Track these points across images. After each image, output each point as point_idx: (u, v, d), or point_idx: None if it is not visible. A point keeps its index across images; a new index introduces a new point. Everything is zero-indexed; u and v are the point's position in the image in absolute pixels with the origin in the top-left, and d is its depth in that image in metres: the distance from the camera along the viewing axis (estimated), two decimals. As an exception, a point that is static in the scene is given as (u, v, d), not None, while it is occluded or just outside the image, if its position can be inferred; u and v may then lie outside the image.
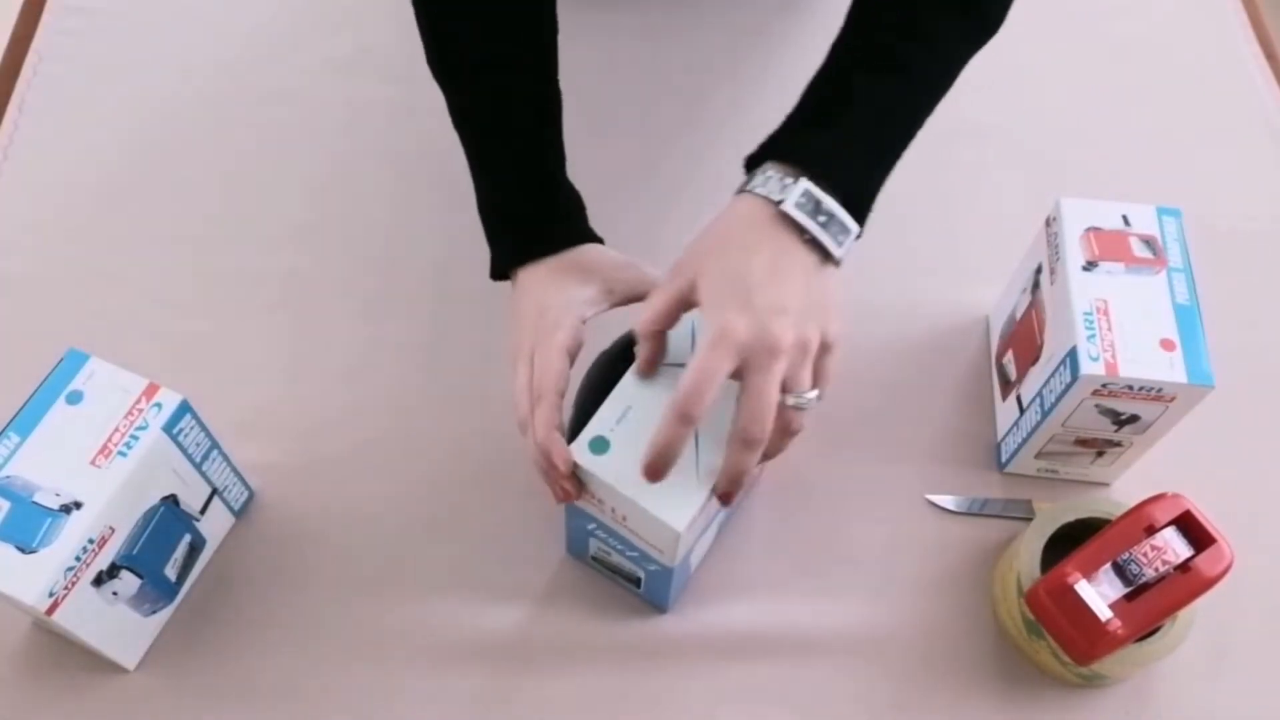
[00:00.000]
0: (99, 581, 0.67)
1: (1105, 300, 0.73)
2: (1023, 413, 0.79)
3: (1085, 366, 0.70)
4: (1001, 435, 0.84)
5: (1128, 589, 0.68)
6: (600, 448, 0.64)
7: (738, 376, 0.60)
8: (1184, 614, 0.71)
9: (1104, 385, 0.71)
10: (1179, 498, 0.70)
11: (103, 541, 0.66)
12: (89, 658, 0.72)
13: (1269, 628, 0.78)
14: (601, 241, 0.73)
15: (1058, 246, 0.77)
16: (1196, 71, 1.06)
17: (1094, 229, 0.77)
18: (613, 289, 0.71)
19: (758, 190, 0.63)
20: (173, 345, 0.86)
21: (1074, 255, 0.75)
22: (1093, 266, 0.75)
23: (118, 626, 0.71)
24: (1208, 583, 0.68)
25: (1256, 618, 0.78)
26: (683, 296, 0.63)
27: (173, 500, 0.71)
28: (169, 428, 0.68)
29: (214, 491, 0.75)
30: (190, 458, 0.71)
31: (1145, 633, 0.69)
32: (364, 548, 0.79)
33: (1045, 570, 0.71)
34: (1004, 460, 0.83)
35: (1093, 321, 0.72)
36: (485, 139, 0.74)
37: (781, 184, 0.62)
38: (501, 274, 0.74)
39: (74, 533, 0.64)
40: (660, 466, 0.62)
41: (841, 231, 0.63)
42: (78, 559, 0.64)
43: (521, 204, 0.73)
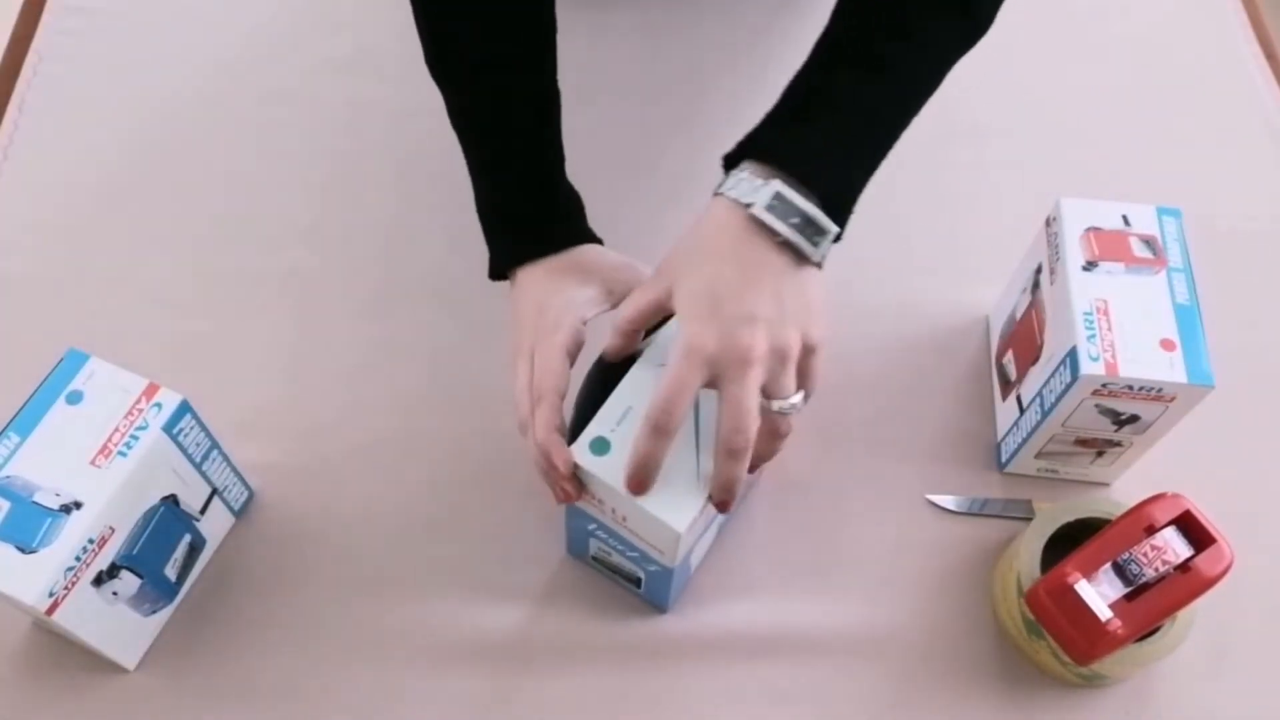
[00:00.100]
0: (99, 581, 0.67)
1: (1105, 300, 0.73)
2: (1023, 413, 0.79)
3: (1085, 366, 0.70)
4: (1001, 435, 0.84)
5: (1128, 589, 0.68)
6: (601, 448, 0.64)
7: (715, 386, 0.60)
8: (1184, 614, 0.71)
9: (1104, 385, 0.71)
10: (1179, 498, 0.70)
11: (103, 541, 0.66)
12: (89, 658, 0.72)
13: (1269, 628, 0.78)
14: (601, 242, 0.73)
15: (1058, 246, 0.77)
16: (1196, 71, 1.06)
17: (1094, 229, 0.77)
18: (612, 289, 0.71)
19: (729, 193, 0.62)
20: (173, 345, 0.86)
21: (1074, 255, 0.76)
22: (1093, 266, 0.75)
23: (118, 626, 0.71)
24: (1208, 583, 0.68)
25: (1256, 618, 0.78)
26: (659, 301, 0.63)
27: (173, 500, 0.71)
28: (169, 428, 0.68)
29: (214, 491, 0.75)
30: (190, 458, 0.71)
31: (1145, 633, 0.69)
32: (364, 548, 0.79)
33: (1045, 570, 0.71)
34: (1004, 460, 0.83)
35: (1093, 321, 0.72)
36: (484, 139, 0.74)
37: (753, 186, 0.61)
38: (500, 274, 0.74)
39: (74, 533, 0.64)
40: (642, 479, 0.62)
41: (817, 233, 0.62)
42: (78, 559, 0.64)
43: (520, 204, 0.73)
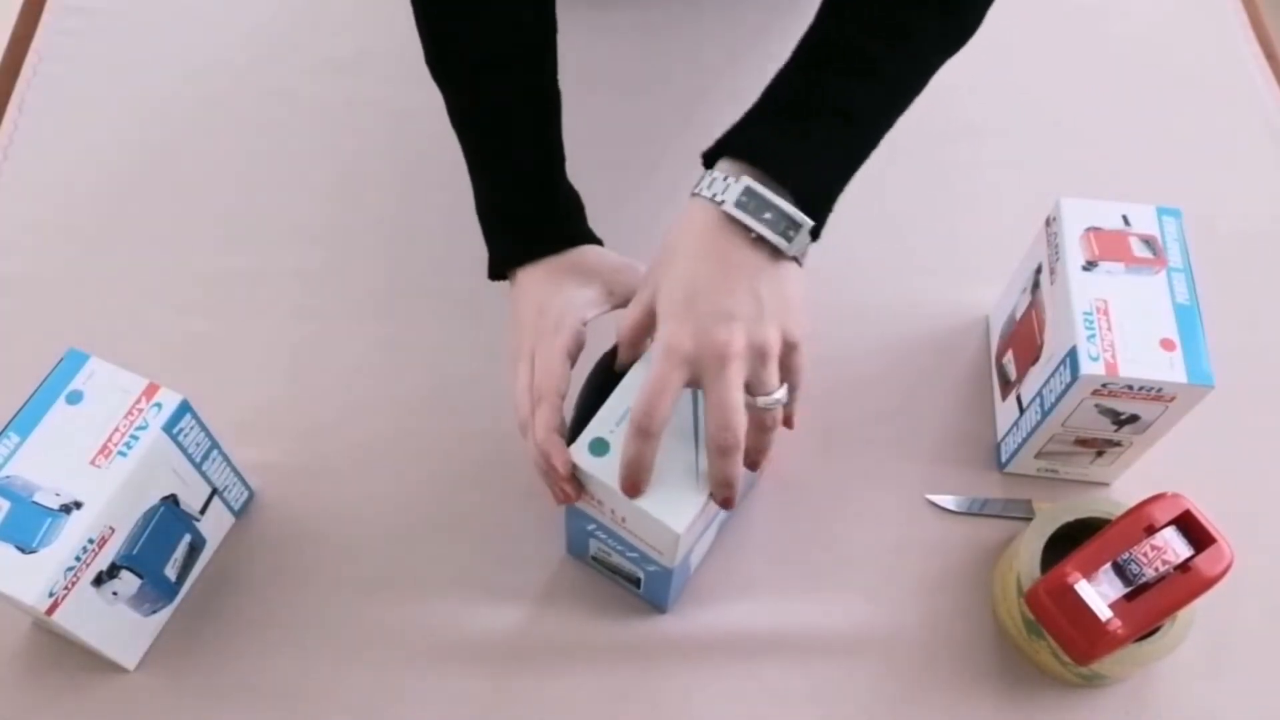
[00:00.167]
0: (99, 581, 0.67)
1: (1105, 300, 0.73)
2: (1023, 412, 0.79)
3: (1085, 366, 0.70)
4: (1001, 435, 0.84)
5: (1128, 589, 0.68)
6: (600, 449, 0.64)
7: (698, 385, 0.61)
8: (1184, 614, 0.71)
9: (1104, 385, 0.71)
10: (1179, 498, 0.70)
11: (103, 541, 0.66)
12: (89, 658, 0.72)
13: (1269, 628, 0.78)
14: (600, 243, 0.73)
15: (1058, 246, 0.77)
16: (1196, 71, 1.06)
17: (1094, 229, 0.77)
18: (613, 290, 0.71)
19: (703, 192, 0.62)
20: (173, 345, 0.86)
21: (1074, 255, 0.75)
22: (1093, 266, 0.75)
23: (118, 626, 0.71)
24: (1208, 583, 0.68)
25: (1256, 618, 0.78)
26: (651, 306, 0.63)
27: (173, 500, 0.71)
28: (169, 428, 0.68)
29: (214, 491, 0.75)
30: (190, 458, 0.71)
31: (1145, 633, 0.69)
32: (364, 548, 0.79)
33: (1045, 570, 0.71)
34: (1004, 460, 0.83)
35: (1093, 321, 0.72)
36: (484, 139, 0.74)
37: (724, 183, 0.62)
38: (499, 274, 0.74)
39: (74, 533, 0.64)
40: (634, 481, 0.62)
41: (791, 227, 0.62)
42: (78, 559, 0.64)
43: (521, 204, 0.73)
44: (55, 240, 0.92)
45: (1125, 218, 0.77)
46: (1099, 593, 0.68)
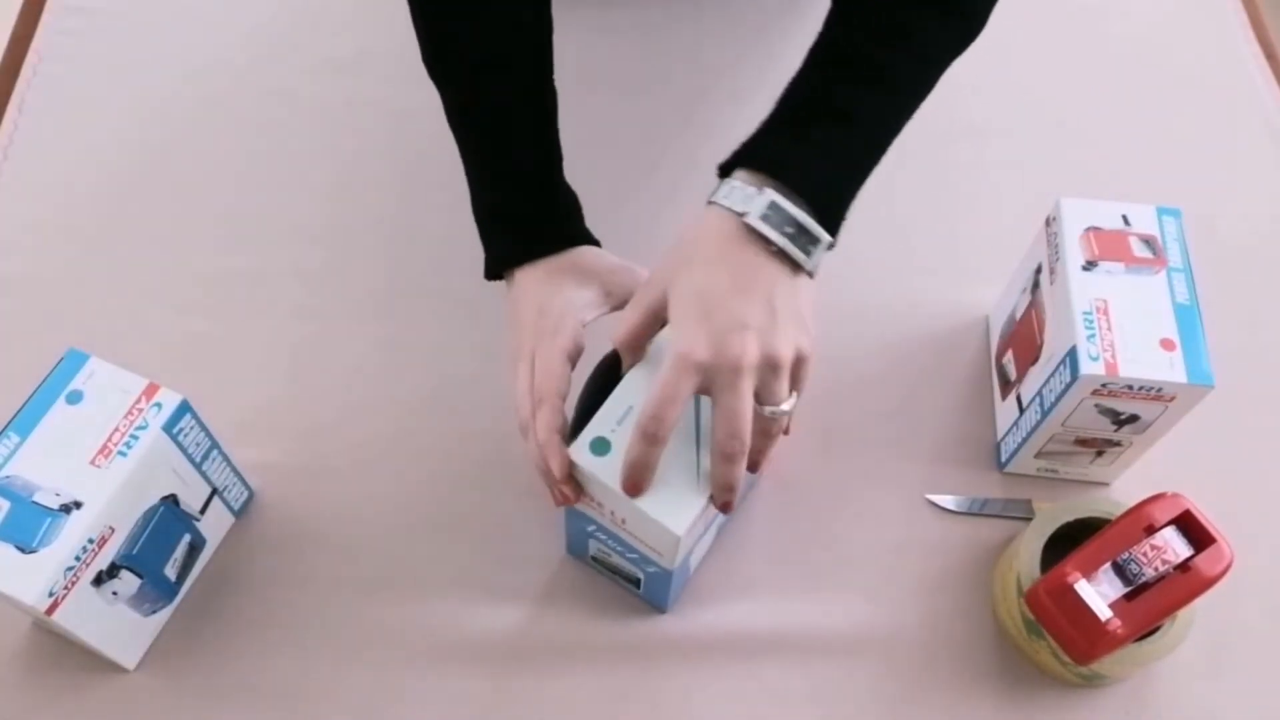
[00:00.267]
0: (99, 581, 0.67)
1: (1105, 300, 0.73)
2: (1022, 412, 0.79)
3: (1085, 366, 0.70)
4: (1001, 435, 0.84)
5: (1127, 589, 0.68)
6: (601, 449, 0.64)
7: (708, 393, 0.61)
8: (1184, 614, 0.71)
9: (1104, 385, 0.71)
10: (1179, 497, 0.70)
11: (103, 541, 0.66)
12: (89, 658, 0.72)
13: (1269, 628, 0.78)
14: (598, 244, 0.73)
15: (1058, 246, 0.77)
16: (1196, 71, 1.06)
17: (1094, 229, 0.77)
18: (611, 291, 0.71)
19: (723, 202, 0.62)
20: (173, 345, 0.86)
21: (1074, 255, 0.75)
22: (1092, 266, 0.75)
23: (118, 626, 0.71)
24: (1208, 582, 0.68)
25: (1256, 618, 0.78)
26: (655, 310, 0.63)
27: (173, 500, 0.71)
28: (169, 427, 0.68)
29: (214, 491, 0.75)
30: (190, 458, 0.71)
31: (1145, 632, 0.69)
32: (364, 548, 0.79)
33: (1045, 570, 0.71)
34: (1004, 460, 0.83)
35: (1092, 321, 0.72)
36: (481, 139, 0.73)
37: (746, 195, 0.62)
38: (495, 274, 0.73)
39: (74, 532, 0.64)
40: (636, 482, 0.62)
41: (811, 242, 0.62)
42: (78, 559, 0.64)
43: (518, 204, 0.73)
44: (55, 240, 0.92)
45: (1125, 218, 0.77)
46: (1099, 593, 0.68)
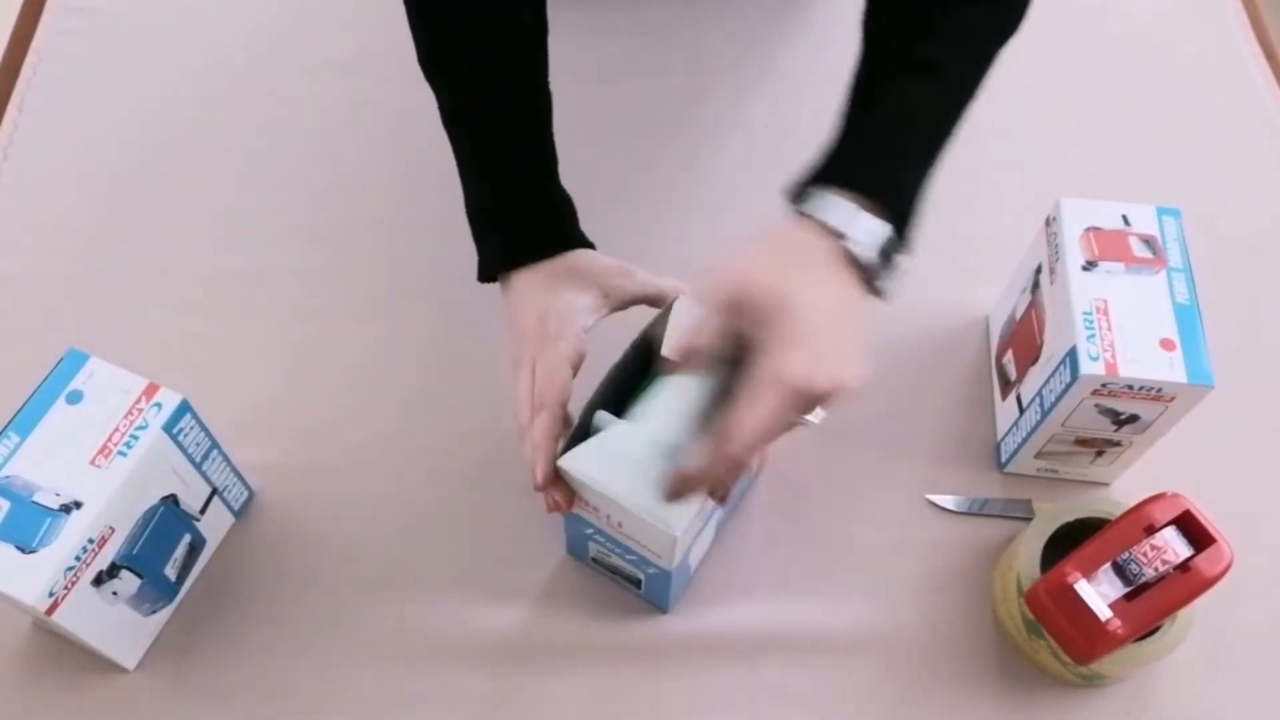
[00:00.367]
0: (99, 581, 0.67)
1: (1105, 300, 0.73)
2: (1022, 412, 0.79)
3: (1085, 366, 0.70)
4: (1001, 435, 0.84)
5: (1127, 589, 0.68)
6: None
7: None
8: (1184, 614, 0.71)
9: (1104, 385, 0.71)
10: (1179, 497, 0.70)
11: (103, 541, 0.66)
12: (89, 658, 0.72)
13: (1269, 628, 0.78)
14: (593, 246, 0.73)
15: (1058, 246, 0.77)
16: (1196, 71, 1.06)
17: (1094, 229, 0.77)
18: (608, 294, 0.71)
19: (822, 217, 0.60)
20: (173, 345, 0.86)
21: (1074, 255, 0.75)
22: (1092, 266, 0.75)
23: (118, 626, 0.71)
24: (1207, 582, 0.68)
25: (1256, 618, 0.78)
26: (734, 313, 0.57)
27: (173, 500, 0.71)
28: (169, 427, 0.68)
29: (214, 491, 0.75)
30: (190, 458, 0.71)
31: (1145, 632, 0.69)
32: (364, 548, 0.79)
33: (1045, 570, 0.71)
34: (1004, 460, 0.83)
35: (1092, 321, 0.72)
36: (476, 140, 0.73)
37: (845, 213, 0.60)
38: (489, 276, 0.73)
39: (74, 533, 0.64)
40: (684, 495, 0.59)
41: (894, 269, 0.62)
42: (78, 559, 0.64)
43: (513, 206, 0.73)
44: (55, 240, 0.92)
45: (1125, 218, 0.77)
46: (1099, 593, 0.68)
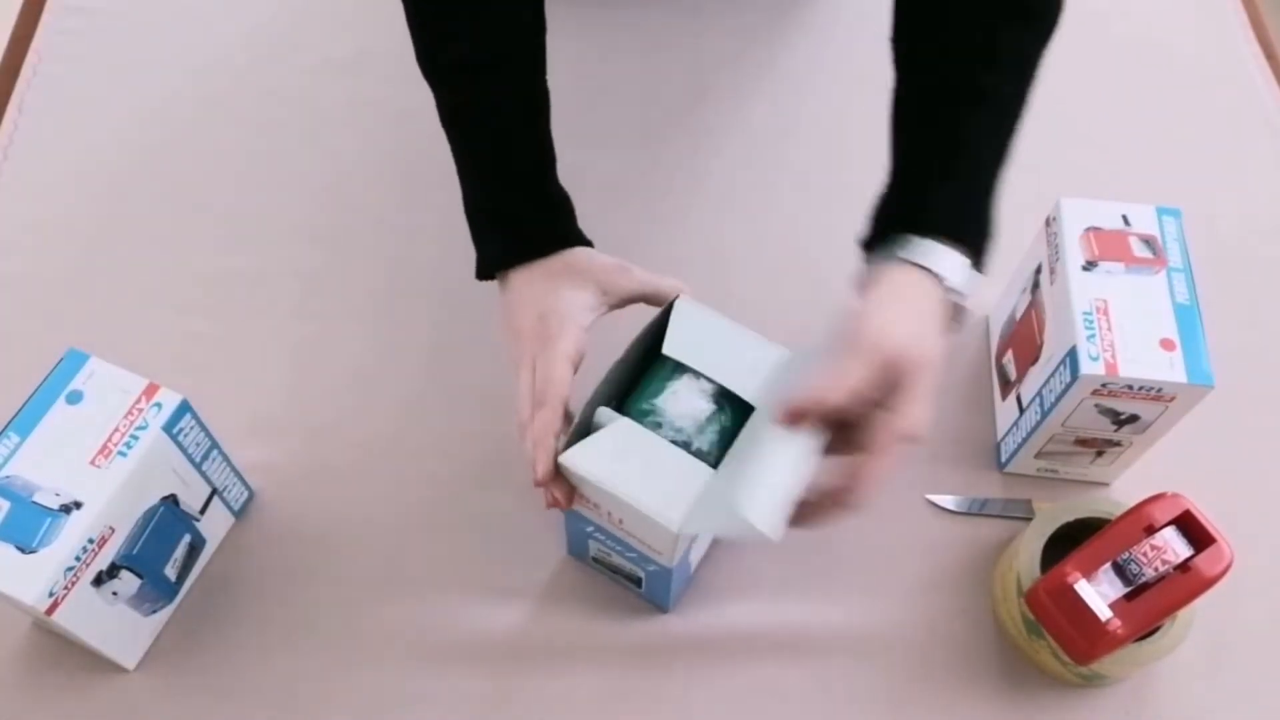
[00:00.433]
0: (99, 581, 0.67)
1: (1105, 300, 0.73)
2: (1022, 412, 0.79)
3: (1085, 366, 0.70)
4: (1001, 435, 0.84)
5: (1128, 589, 0.68)
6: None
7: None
8: (1184, 614, 0.71)
9: (1104, 385, 0.71)
10: (1179, 497, 0.70)
11: (103, 541, 0.66)
12: (89, 658, 0.72)
13: (1269, 628, 0.78)
14: (590, 244, 0.73)
15: (1057, 246, 0.77)
16: (1196, 71, 1.06)
17: (1094, 229, 0.77)
18: (607, 292, 0.71)
19: (937, 269, 0.64)
20: (173, 345, 0.86)
21: (1074, 255, 0.75)
22: (1092, 266, 0.75)
23: (118, 626, 0.71)
24: (1207, 582, 0.68)
25: (1256, 618, 0.78)
26: (878, 374, 0.61)
27: (173, 500, 0.71)
28: (169, 428, 0.68)
29: (214, 491, 0.75)
30: (190, 458, 0.71)
31: (1145, 632, 0.69)
32: (364, 548, 0.79)
33: (1045, 570, 0.71)
34: (1004, 460, 0.83)
35: (1092, 321, 0.72)
36: (474, 139, 0.73)
37: (953, 264, 0.64)
38: (488, 274, 0.73)
39: (74, 533, 0.64)
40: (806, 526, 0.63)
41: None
42: (78, 559, 0.64)
43: (512, 205, 0.73)
44: (55, 240, 0.92)
45: (1125, 218, 0.77)
46: (1099, 593, 0.68)
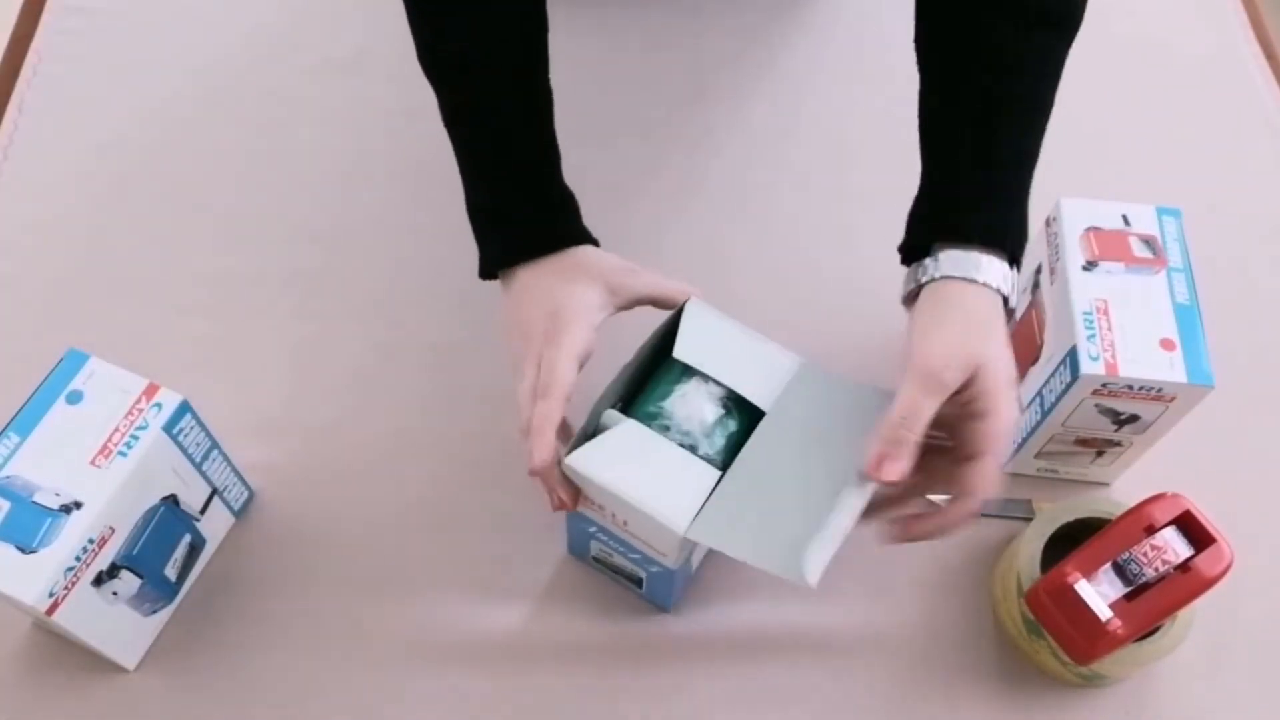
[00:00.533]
0: (99, 581, 0.67)
1: (1105, 300, 0.73)
2: (1022, 413, 0.79)
3: (1085, 366, 0.70)
4: (1001, 435, 0.84)
5: (1128, 589, 0.68)
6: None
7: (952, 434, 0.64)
8: (1184, 614, 0.71)
9: (1104, 385, 0.71)
10: (1179, 498, 0.70)
11: (103, 541, 0.66)
12: (89, 658, 0.72)
13: (1269, 628, 0.78)
14: (596, 243, 0.73)
15: (1057, 246, 0.77)
16: (1196, 71, 1.06)
17: (1094, 229, 0.77)
18: (616, 292, 0.70)
19: (995, 284, 0.65)
20: (173, 345, 0.86)
21: (1074, 255, 0.75)
22: (1093, 266, 0.75)
23: (118, 626, 0.71)
24: (1208, 583, 0.68)
25: (1256, 618, 0.78)
26: (948, 392, 0.62)
27: (173, 500, 0.71)
28: (169, 428, 0.68)
29: (214, 491, 0.75)
30: (190, 458, 0.71)
31: (1145, 633, 0.69)
32: (364, 548, 0.79)
33: (1045, 570, 0.71)
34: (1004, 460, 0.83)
35: (1093, 321, 0.72)
36: (476, 138, 0.73)
37: (1004, 275, 0.66)
38: (490, 273, 0.73)
39: (74, 533, 0.64)
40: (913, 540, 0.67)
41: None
42: (78, 559, 0.64)
43: (517, 203, 0.72)
44: (55, 240, 0.92)
45: (1125, 218, 0.77)
46: (1099, 593, 0.68)
